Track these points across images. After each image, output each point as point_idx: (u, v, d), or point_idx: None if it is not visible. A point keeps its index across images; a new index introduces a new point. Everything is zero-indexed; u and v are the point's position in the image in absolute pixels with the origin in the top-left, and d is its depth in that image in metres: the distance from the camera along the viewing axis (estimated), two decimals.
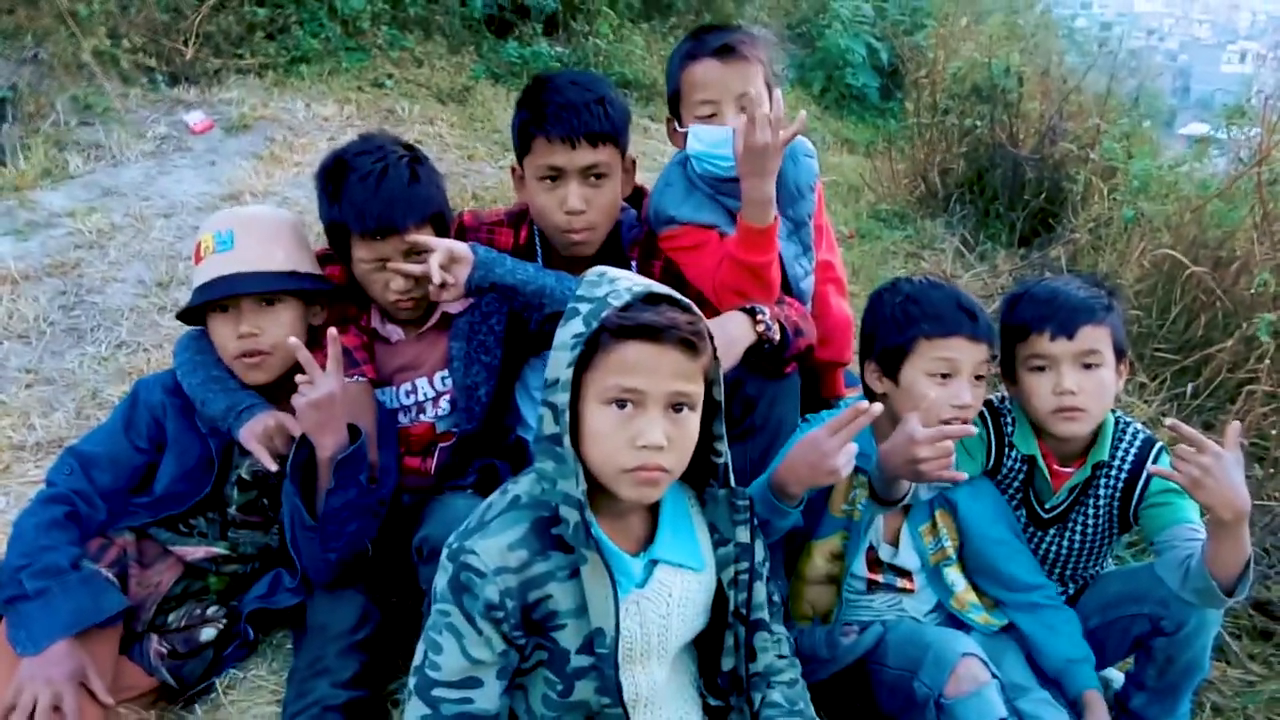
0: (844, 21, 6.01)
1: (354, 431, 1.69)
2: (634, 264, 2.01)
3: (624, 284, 1.23)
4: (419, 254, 1.77)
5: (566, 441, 1.21)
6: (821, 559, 1.79)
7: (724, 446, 1.35)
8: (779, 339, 1.74)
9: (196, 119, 3.88)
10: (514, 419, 2.08)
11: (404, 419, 1.97)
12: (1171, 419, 1.57)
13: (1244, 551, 1.51)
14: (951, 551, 1.80)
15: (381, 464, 1.81)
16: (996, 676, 1.54)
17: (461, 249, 1.75)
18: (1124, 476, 1.79)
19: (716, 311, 1.76)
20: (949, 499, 1.79)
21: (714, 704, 1.43)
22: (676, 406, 1.23)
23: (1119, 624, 1.74)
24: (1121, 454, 1.79)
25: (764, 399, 1.82)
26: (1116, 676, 1.89)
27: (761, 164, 1.71)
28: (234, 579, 1.85)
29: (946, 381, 1.66)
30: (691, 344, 1.22)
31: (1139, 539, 2.28)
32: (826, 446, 1.43)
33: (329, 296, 1.91)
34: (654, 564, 1.33)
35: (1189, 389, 2.84)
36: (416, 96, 4.45)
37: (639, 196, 2.07)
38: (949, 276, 3.74)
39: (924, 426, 1.51)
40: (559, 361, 1.21)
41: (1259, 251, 2.98)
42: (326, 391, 1.64)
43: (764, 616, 1.43)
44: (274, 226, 1.87)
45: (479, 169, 4.03)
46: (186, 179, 3.57)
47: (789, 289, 1.96)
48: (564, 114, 1.79)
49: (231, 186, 3.53)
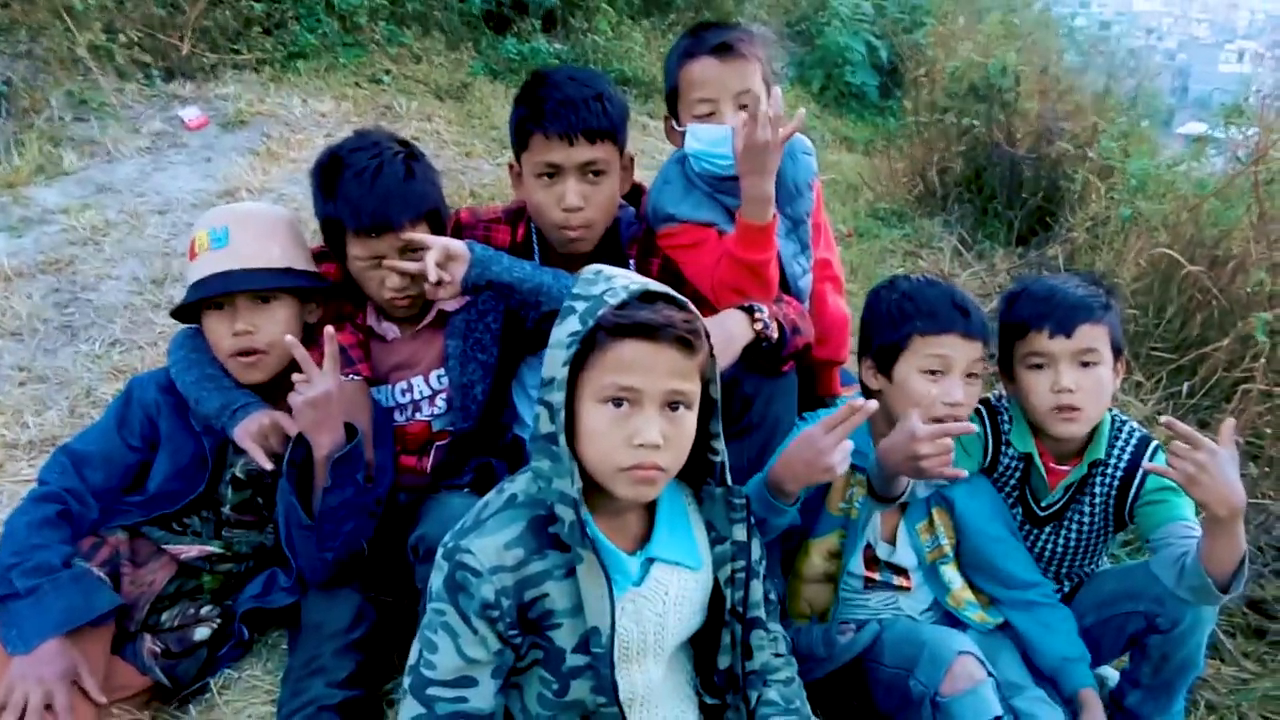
0: (843, 19, 6.00)
1: (350, 430, 1.69)
2: (632, 262, 2.00)
3: (620, 282, 1.23)
4: (415, 251, 1.77)
5: (562, 440, 1.20)
6: (819, 557, 1.79)
7: (721, 445, 1.35)
8: (777, 337, 1.74)
9: (192, 115, 3.86)
10: (510, 417, 2.08)
11: (400, 417, 1.97)
12: (1167, 416, 1.58)
13: (1239, 548, 1.51)
14: (948, 549, 1.80)
15: (378, 463, 1.81)
16: (992, 675, 1.54)
17: (458, 246, 1.74)
18: (1120, 475, 1.79)
19: (715, 309, 1.76)
20: (946, 497, 1.79)
21: (710, 702, 1.43)
22: (673, 405, 1.23)
23: (1114, 622, 1.75)
24: (1117, 452, 1.79)
25: (761, 397, 1.82)
26: (1112, 674, 1.90)
27: (761, 161, 1.70)
28: (228, 578, 1.84)
29: (939, 378, 1.66)
30: (688, 342, 1.22)
31: (1134, 537, 2.28)
32: (822, 444, 1.43)
33: (325, 294, 1.90)
34: (650, 562, 1.33)
35: (1185, 388, 2.84)
36: (414, 93, 4.44)
37: (637, 194, 2.07)
38: (947, 275, 3.74)
39: (913, 417, 1.51)
40: (555, 360, 1.21)
41: (1255, 251, 2.98)
42: (323, 390, 1.63)
43: (761, 615, 1.43)
44: (269, 223, 1.86)
45: (476, 166, 4.01)
46: (182, 175, 3.56)
47: (787, 287, 1.96)
48: (562, 110, 1.79)
49: (227, 183, 3.51)
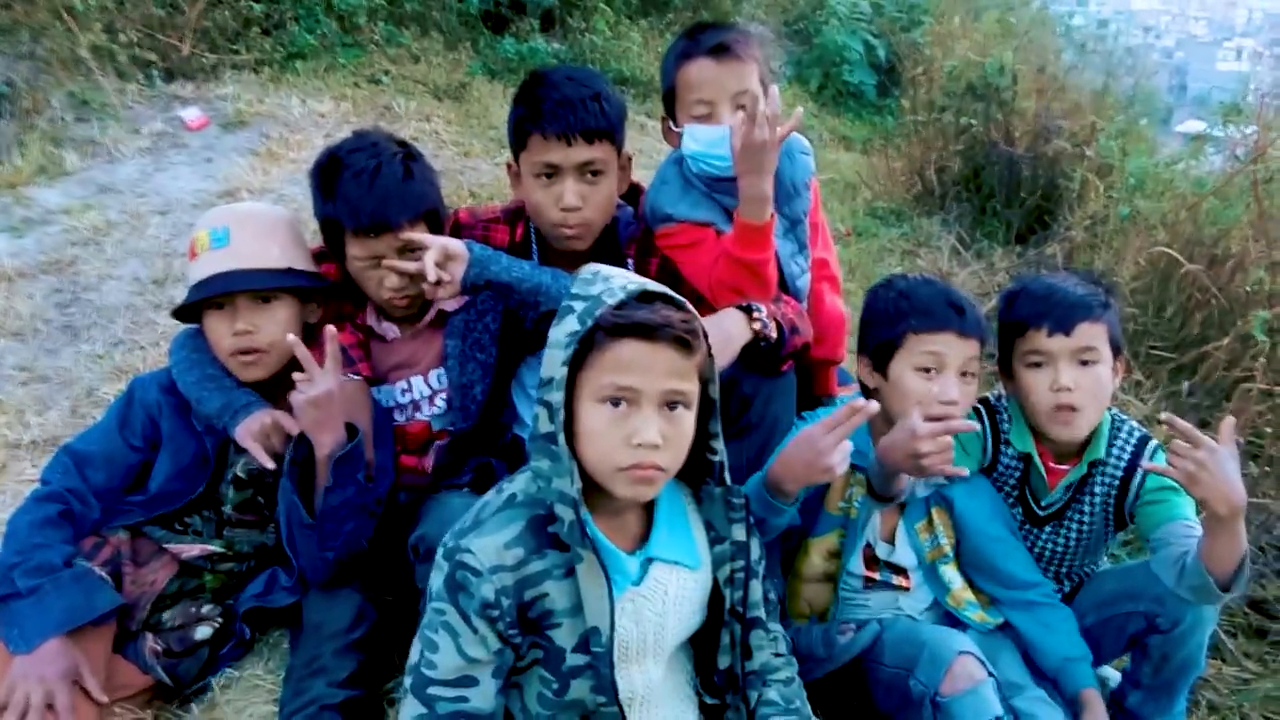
0: (841, 18, 6.00)
1: (351, 429, 1.69)
2: (630, 261, 2.01)
3: (618, 282, 1.23)
4: (413, 251, 1.77)
5: (561, 440, 1.20)
6: (818, 557, 1.79)
7: (720, 444, 1.35)
8: (775, 337, 1.74)
9: (193, 115, 3.86)
10: (510, 417, 2.08)
11: (400, 417, 1.97)
12: (1167, 413, 1.58)
13: (1240, 547, 1.51)
14: (948, 549, 1.80)
15: (378, 463, 1.81)
16: (992, 674, 1.54)
17: (457, 246, 1.74)
18: (1119, 474, 1.79)
19: (713, 309, 1.76)
20: (945, 496, 1.80)
21: (710, 702, 1.43)
22: (671, 404, 1.23)
23: (1114, 621, 1.74)
24: (1117, 452, 1.79)
25: (760, 397, 1.82)
26: (1113, 674, 1.90)
27: (759, 161, 1.70)
28: (229, 577, 1.85)
29: (934, 376, 1.67)
30: (686, 342, 1.22)
31: (1134, 537, 2.28)
32: (822, 444, 1.43)
33: (325, 294, 1.91)
34: (650, 562, 1.33)
35: (1184, 387, 2.84)
36: (413, 93, 4.44)
37: (635, 194, 2.07)
38: (945, 274, 3.74)
39: (915, 415, 1.51)
40: (553, 360, 1.21)
41: (1254, 249, 2.98)
42: (325, 389, 1.64)
43: (760, 614, 1.43)
44: (270, 223, 1.86)
45: (475, 166, 4.01)
46: (183, 176, 3.56)
47: (785, 287, 1.96)
48: (560, 111, 1.79)
49: (228, 183, 3.52)
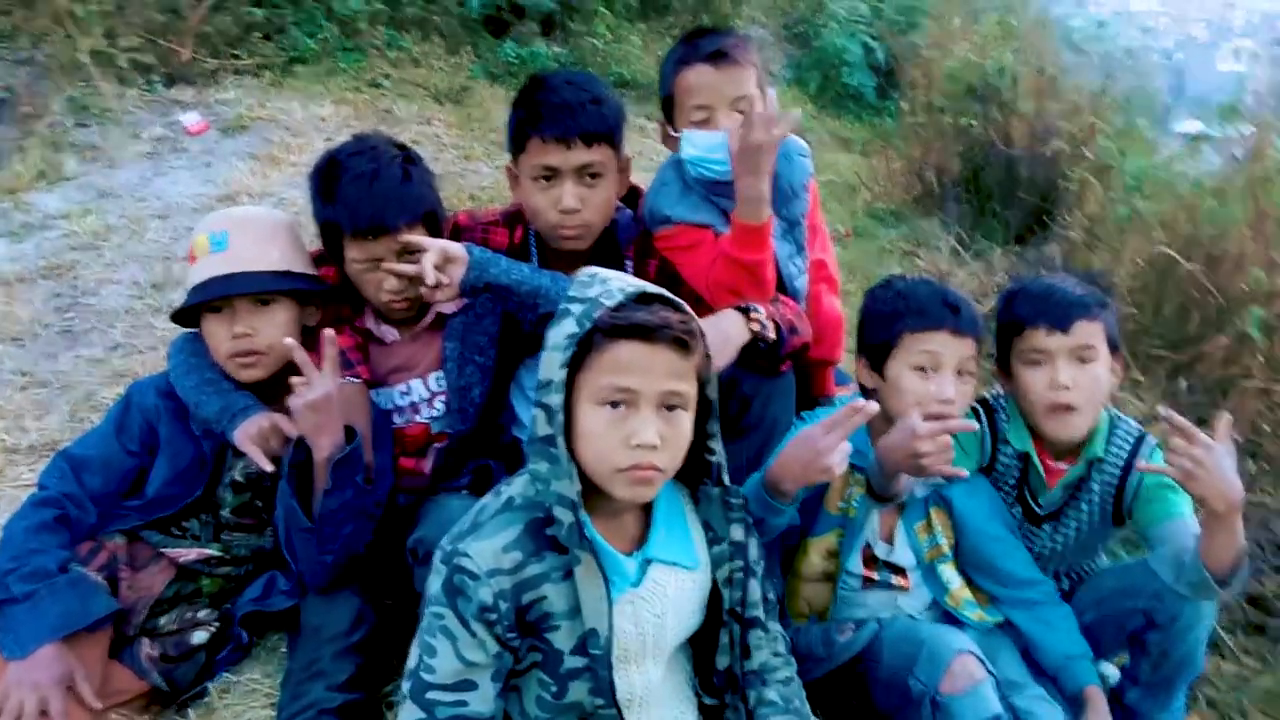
0: (840, 21, 6.01)
1: (350, 432, 1.69)
2: (629, 263, 2.01)
3: (615, 284, 1.23)
4: (412, 254, 1.77)
5: (560, 442, 1.21)
6: (817, 556, 1.79)
7: (718, 445, 1.35)
8: (774, 338, 1.74)
9: (192, 120, 3.86)
10: (509, 419, 2.08)
11: (399, 420, 1.97)
12: (1165, 408, 1.58)
13: (1238, 543, 1.51)
14: (946, 548, 1.80)
15: (377, 466, 1.81)
16: (992, 673, 1.54)
17: (455, 249, 1.75)
18: (1118, 472, 1.80)
19: (712, 310, 1.76)
20: (944, 496, 1.80)
21: (709, 703, 1.43)
22: (670, 406, 1.23)
23: (1113, 618, 1.75)
24: (1115, 450, 1.80)
25: (759, 397, 1.82)
26: (1112, 671, 1.89)
27: (756, 162, 1.71)
28: (227, 581, 1.84)
29: (930, 375, 1.67)
30: (684, 343, 1.22)
31: (1133, 534, 2.28)
32: (821, 444, 1.43)
33: (323, 297, 1.91)
34: (648, 563, 1.34)
35: (1182, 385, 2.84)
36: (413, 97, 4.44)
37: (634, 196, 2.07)
38: (944, 274, 3.75)
39: (914, 415, 1.52)
40: (552, 362, 1.21)
41: (1252, 249, 2.98)
42: (323, 393, 1.63)
43: (759, 614, 1.43)
44: (269, 227, 1.87)
45: (476, 169, 4.02)
46: (182, 180, 3.56)
47: (783, 288, 1.96)
48: (559, 114, 1.80)
49: (228, 188, 3.51)
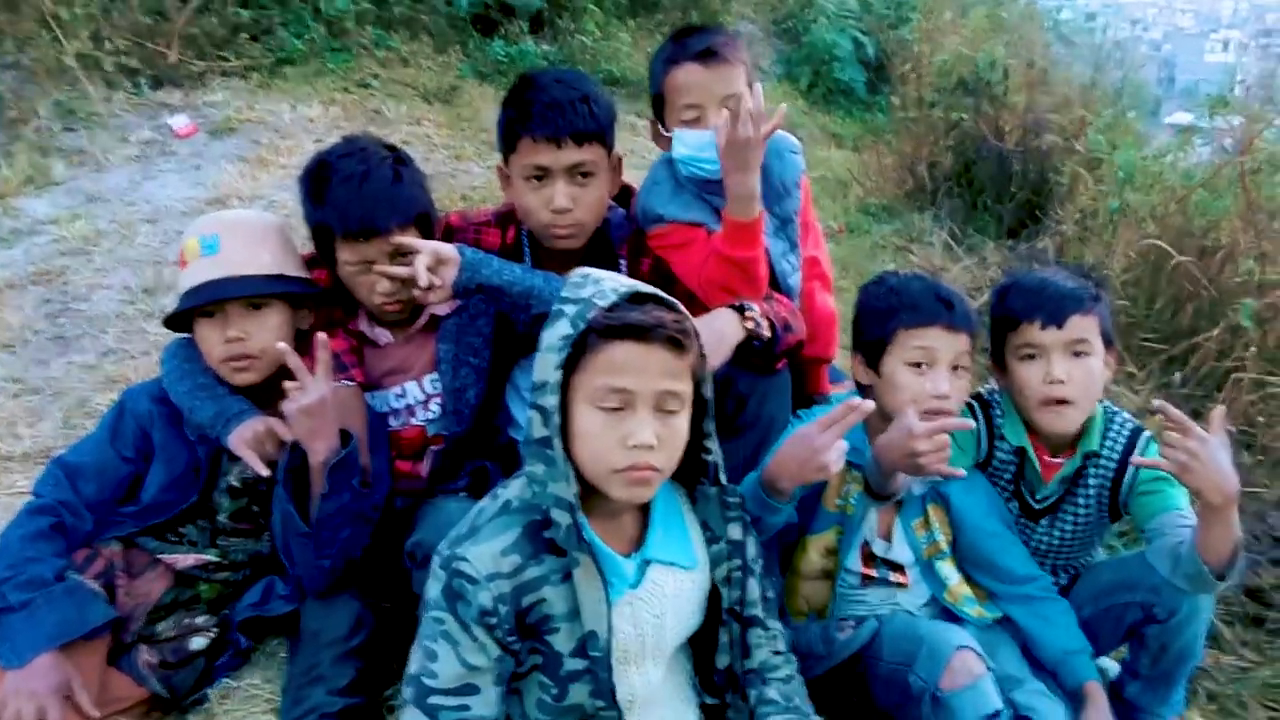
0: (829, 16, 6.02)
1: (345, 436, 1.69)
2: (623, 262, 2.00)
3: (609, 284, 1.23)
4: (404, 256, 1.76)
5: (557, 444, 1.20)
6: (816, 554, 1.79)
7: (714, 444, 1.35)
8: (768, 335, 1.74)
9: (181, 123, 3.84)
10: (504, 420, 2.08)
11: (394, 423, 1.96)
12: (1160, 400, 1.58)
13: (1234, 535, 1.52)
14: (944, 545, 1.80)
15: (374, 469, 1.80)
16: (991, 668, 1.55)
17: (448, 250, 1.74)
18: (1113, 466, 1.80)
19: (706, 309, 1.76)
20: (941, 493, 1.80)
21: (710, 702, 1.43)
22: (666, 406, 1.23)
23: (1112, 613, 1.75)
24: (1110, 443, 1.80)
25: (755, 396, 1.82)
26: (1111, 665, 1.90)
27: (744, 158, 1.70)
28: (225, 587, 1.84)
29: (925, 371, 1.67)
30: (679, 342, 1.22)
31: (1130, 528, 2.29)
32: (817, 443, 1.43)
33: (316, 300, 1.90)
34: (647, 564, 1.33)
35: (1176, 378, 2.85)
36: (402, 97, 4.42)
37: (626, 195, 2.07)
38: (938, 269, 3.75)
39: (910, 414, 1.52)
40: (546, 364, 1.21)
41: (1244, 240, 3.00)
42: (317, 397, 1.63)
43: (758, 613, 1.43)
44: (260, 230, 1.86)
45: (466, 169, 4.00)
46: (171, 184, 3.54)
47: (777, 285, 1.96)
48: (549, 113, 1.79)
49: (217, 190, 3.50)
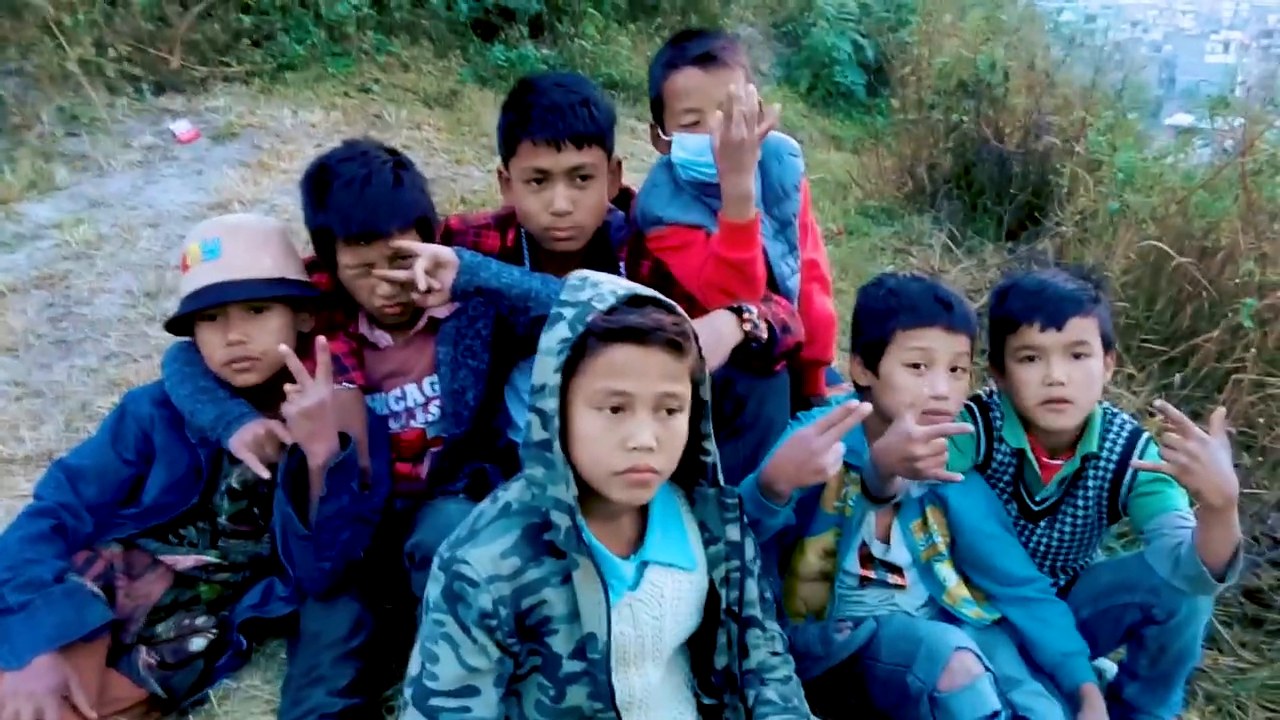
0: (829, 19, 6.03)
1: (344, 439, 1.69)
2: (622, 264, 2.01)
3: (607, 287, 1.23)
4: (404, 259, 1.77)
5: (556, 447, 1.21)
6: (814, 555, 1.79)
7: (712, 445, 1.35)
8: (766, 337, 1.75)
9: (183, 128, 3.86)
10: (504, 422, 2.08)
11: (394, 425, 1.97)
12: (1160, 400, 1.58)
13: (1234, 537, 1.52)
14: (943, 547, 1.80)
15: (374, 472, 1.81)
16: (989, 669, 1.55)
17: (446, 253, 1.75)
18: (1112, 467, 1.80)
19: (704, 311, 1.76)
20: (939, 495, 1.80)
21: (708, 703, 1.43)
22: (665, 408, 1.23)
23: (1110, 614, 1.75)
24: (1110, 445, 1.80)
25: (754, 397, 1.82)
26: (1109, 666, 1.90)
27: (739, 159, 1.71)
28: (225, 588, 1.84)
29: (923, 372, 1.67)
30: (678, 345, 1.22)
31: (1129, 529, 2.29)
32: (815, 445, 1.43)
33: (317, 303, 1.91)
34: (645, 565, 1.34)
35: (1176, 379, 2.85)
36: (403, 101, 4.44)
37: (626, 198, 2.07)
38: (937, 271, 3.76)
39: (908, 419, 1.52)
40: (545, 367, 1.21)
41: (1244, 241, 2.99)
42: (317, 400, 1.64)
43: (756, 614, 1.43)
44: (261, 234, 1.87)
45: (467, 173, 4.02)
46: (173, 188, 3.55)
47: (775, 287, 1.97)
48: (549, 116, 1.80)
49: (219, 195, 3.51)
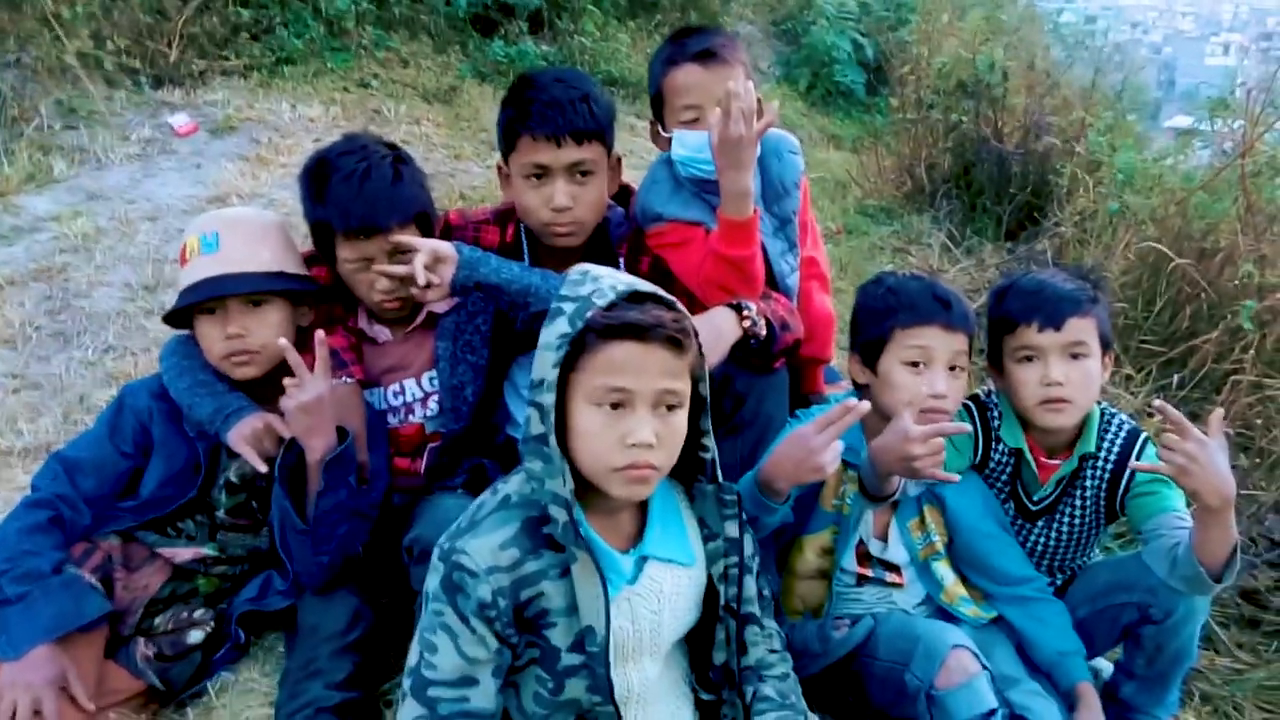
0: (829, 18, 6.03)
1: (342, 433, 1.69)
2: (621, 261, 2.01)
3: (607, 282, 1.23)
4: (403, 254, 1.77)
5: (553, 441, 1.21)
6: (812, 553, 1.79)
7: (711, 442, 1.36)
8: (765, 334, 1.75)
9: (181, 121, 3.85)
10: (503, 418, 2.08)
11: (393, 420, 1.97)
12: (1159, 401, 1.59)
13: (1231, 537, 1.52)
14: (940, 546, 1.80)
15: (373, 466, 1.81)
16: (987, 668, 1.55)
17: (446, 248, 1.75)
18: (1110, 467, 1.80)
19: (704, 307, 1.76)
20: (937, 494, 1.80)
21: (706, 699, 1.43)
22: (664, 404, 1.23)
23: (1108, 613, 1.75)
24: (1107, 445, 1.81)
25: (753, 395, 1.82)
26: (1106, 666, 1.91)
27: (737, 156, 1.71)
28: (223, 581, 1.84)
29: (922, 370, 1.67)
30: (678, 341, 1.22)
31: (1126, 529, 2.30)
32: (813, 443, 1.43)
33: (316, 297, 1.90)
34: (644, 560, 1.34)
35: (1175, 380, 2.85)
36: (402, 96, 4.43)
37: (626, 194, 2.07)
38: (936, 271, 3.76)
39: (906, 418, 1.52)
40: (544, 362, 1.21)
41: (1243, 243, 3.00)
42: (315, 394, 1.64)
43: (754, 611, 1.43)
44: (259, 227, 1.86)
45: (466, 168, 4.01)
46: (172, 182, 3.55)
47: (774, 285, 1.97)
48: (549, 112, 1.79)
49: (217, 189, 3.50)
